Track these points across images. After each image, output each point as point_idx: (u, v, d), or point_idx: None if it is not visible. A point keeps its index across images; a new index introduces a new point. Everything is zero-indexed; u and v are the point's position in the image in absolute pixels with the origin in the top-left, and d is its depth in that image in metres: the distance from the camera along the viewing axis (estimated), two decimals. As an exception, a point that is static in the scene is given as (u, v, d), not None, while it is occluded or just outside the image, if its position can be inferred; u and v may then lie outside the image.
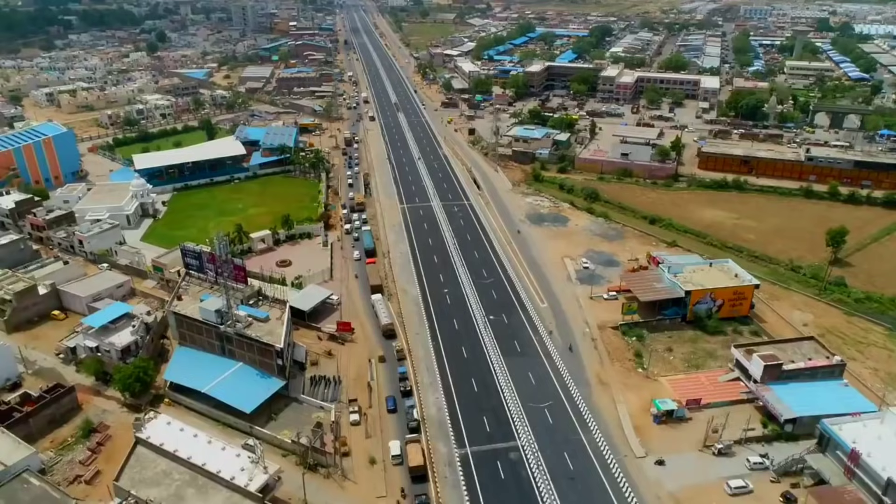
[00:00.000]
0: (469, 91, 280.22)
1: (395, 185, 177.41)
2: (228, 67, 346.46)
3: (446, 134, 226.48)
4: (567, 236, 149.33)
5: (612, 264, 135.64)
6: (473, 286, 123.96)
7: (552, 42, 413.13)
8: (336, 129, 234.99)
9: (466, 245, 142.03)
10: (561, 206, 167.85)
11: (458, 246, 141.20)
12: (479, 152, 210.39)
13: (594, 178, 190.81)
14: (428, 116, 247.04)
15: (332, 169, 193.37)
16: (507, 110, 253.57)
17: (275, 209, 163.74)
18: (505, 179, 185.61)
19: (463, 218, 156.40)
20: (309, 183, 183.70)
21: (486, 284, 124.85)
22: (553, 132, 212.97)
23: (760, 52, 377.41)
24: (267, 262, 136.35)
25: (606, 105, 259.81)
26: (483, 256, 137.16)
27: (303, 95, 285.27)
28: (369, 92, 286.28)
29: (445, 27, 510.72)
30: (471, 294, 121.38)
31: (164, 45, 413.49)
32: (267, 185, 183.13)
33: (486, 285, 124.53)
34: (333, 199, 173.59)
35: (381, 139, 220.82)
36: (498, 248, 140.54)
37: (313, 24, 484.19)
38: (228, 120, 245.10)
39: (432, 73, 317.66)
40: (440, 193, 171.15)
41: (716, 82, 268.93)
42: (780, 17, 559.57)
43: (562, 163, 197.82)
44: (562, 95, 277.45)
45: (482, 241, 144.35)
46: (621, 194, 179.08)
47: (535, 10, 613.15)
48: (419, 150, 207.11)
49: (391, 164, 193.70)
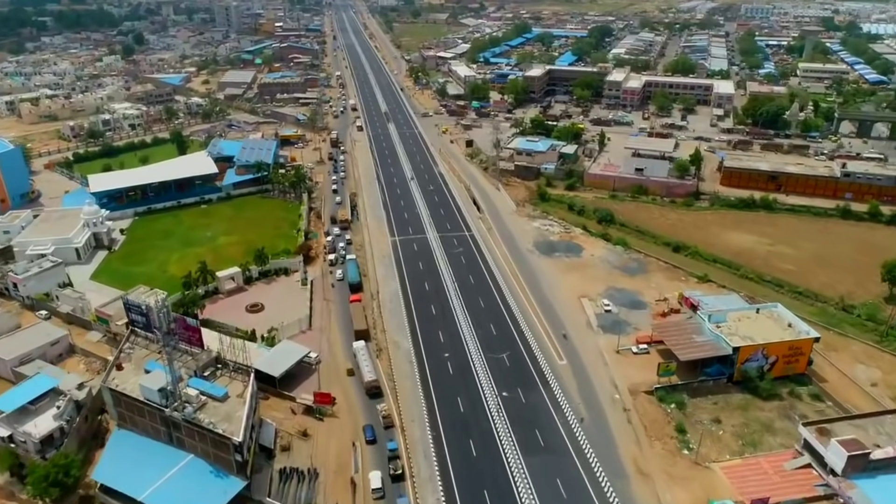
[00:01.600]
0: (465, 97, 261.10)
1: (384, 211, 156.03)
2: (208, 72, 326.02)
3: (441, 146, 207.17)
4: (582, 269, 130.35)
5: (637, 306, 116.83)
6: (479, 346, 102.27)
7: (550, 43, 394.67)
8: (321, 141, 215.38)
9: (469, 290, 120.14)
10: (573, 231, 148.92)
11: (460, 290, 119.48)
12: (477, 167, 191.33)
13: (606, 196, 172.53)
14: (421, 126, 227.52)
15: (315, 188, 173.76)
16: (507, 119, 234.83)
17: (248, 237, 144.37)
18: (507, 199, 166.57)
19: (464, 254, 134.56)
20: (289, 205, 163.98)
21: (494, 342, 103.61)
22: (558, 144, 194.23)
23: (768, 53, 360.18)
24: (236, 307, 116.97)
25: (613, 112, 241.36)
26: (489, 304, 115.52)
27: (286, 102, 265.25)
28: (357, 99, 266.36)
29: (438, 28, 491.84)
30: (477, 359, 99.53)
31: (141, 48, 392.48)
32: (241, 208, 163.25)
33: (495, 343, 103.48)
34: (315, 223, 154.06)
35: (369, 153, 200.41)
36: (505, 287, 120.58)
37: (299, 25, 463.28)
38: (203, 131, 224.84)
39: (425, 78, 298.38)
40: (436, 222, 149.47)
41: (730, 87, 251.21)
42: (782, 16, 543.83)
43: (569, 179, 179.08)
44: (564, 102, 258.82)
45: (487, 284, 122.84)
46: (638, 215, 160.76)
47: (529, 9, 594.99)
48: (412, 166, 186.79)
49: (380, 185, 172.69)
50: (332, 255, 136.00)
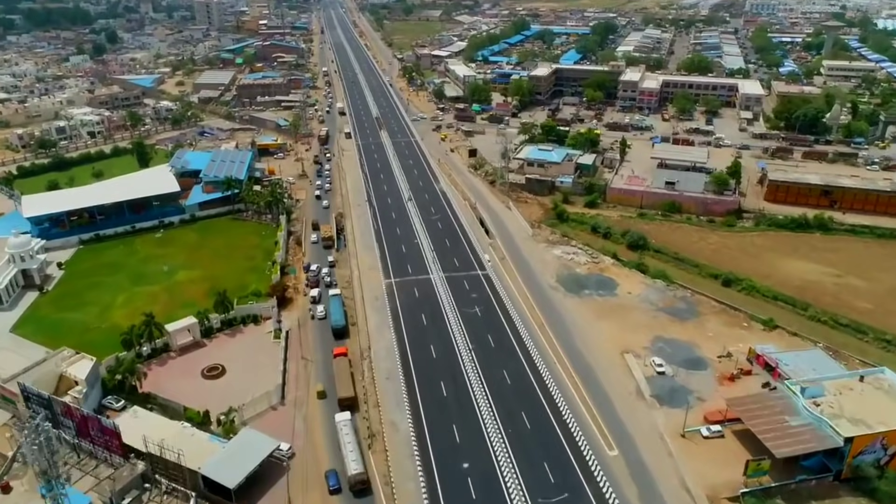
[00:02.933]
0: (464, 99, 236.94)
1: (377, 243, 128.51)
2: (184, 72, 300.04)
3: (441, 155, 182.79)
4: (620, 313, 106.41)
5: (696, 364, 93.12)
6: (508, 447, 75.14)
7: (551, 41, 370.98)
8: (304, 150, 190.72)
9: (488, 355, 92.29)
10: (601, 260, 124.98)
11: (477, 358, 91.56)
12: (483, 180, 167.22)
13: (633, 215, 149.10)
14: (417, 133, 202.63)
15: (295, 207, 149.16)
16: (512, 124, 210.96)
17: (213, 271, 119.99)
18: (520, 219, 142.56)
19: (479, 302, 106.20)
20: (264, 228, 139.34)
21: (527, 438, 77.13)
22: (574, 153, 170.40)
23: (784, 50, 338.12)
24: (189, 371, 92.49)
25: (629, 115, 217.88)
26: (516, 376, 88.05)
27: (266, 106, 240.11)
28: (345, 101, 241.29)
29: (431, 25, 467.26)
30: (506, 465, 72.62)
31: (113, 47, 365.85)
32: (208, 233, 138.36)
33: (528, 440, 76.90)
34: (295, 251, 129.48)
35: (358, 167, 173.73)
36: (531, 343, 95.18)
37: (283, 23, 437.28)
38: (171, 139, 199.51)
39: (420, 78, 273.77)
40: (441, 258, 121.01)
41: (757, 87, 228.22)
42: (789, 12, 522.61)
43: (590, 195, 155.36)
44: (574, 104, 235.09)
45: (509, 343, 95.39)
46: (673, 238, 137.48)
47: (525, 6, 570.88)
48: (408, 183, 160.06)
49: (372, 207, 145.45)
50: (314, 291, 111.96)
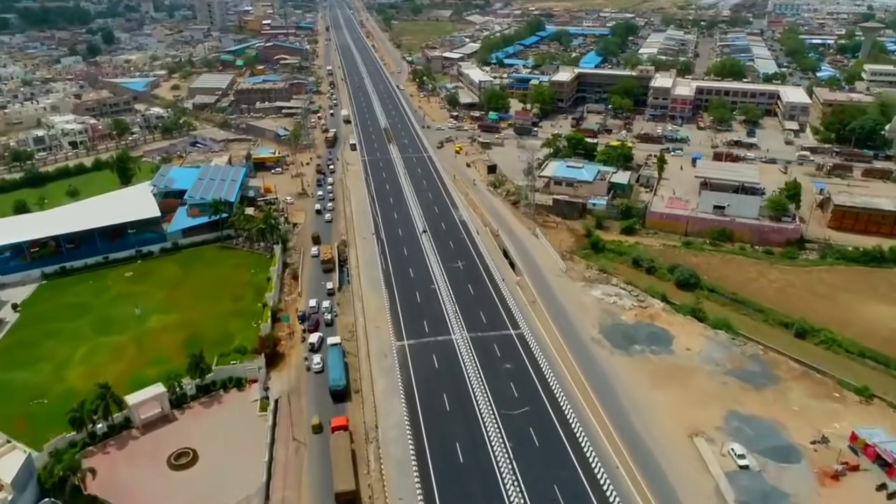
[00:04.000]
0: (480, 106, 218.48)
1: (386, 290, 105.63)
2: (181, 75, 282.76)
3: (456, 171, 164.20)
4: (681, 377, 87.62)
5: (787, 454, 74.24)
6: None
7: (569, 42, 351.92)
8: (304, 164, 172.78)
9: (529, 450, 71.86)
10: (649, 304, 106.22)
11: (514, 453, 70.98)
12: (504, 200, 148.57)
13: (677, 244, 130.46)
14: (429, 145, 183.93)
15: (292, 233, 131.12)
16: (534, 133, 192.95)
17: (193, 316, 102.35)
18: (550, 250, 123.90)
19: (514, 374, 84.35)
20: (256, 259, 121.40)
21: None
22: (606, 170, 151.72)
23: (819, 53, 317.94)
24: (153, 457, 74.48)
25: (661, 125, 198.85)
26: (568, 479, 68.15)
27: (266, 112, 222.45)
28: (350, 108, 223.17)
29: (441, 25, 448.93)
30: None
31: (109, 48, 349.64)
32: (191, 265, 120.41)
33: None
34: (291, 287, 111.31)
35: (364, 187, 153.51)
36: (577, 427, 76.09)
37: (286, 23, 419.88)
38: (160, 151, 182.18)
39: (431, 83, 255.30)
40: (465, 309, 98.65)
41: (802, 94, 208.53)
42: (814, 13, 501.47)
43: (627, 219, 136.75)
44: (599, 112, 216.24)
45: (556, 435, 74.32)
46: (727, 273, 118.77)
47: (538, 6, 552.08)
48: (422, 209, 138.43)
49: (380, 242, 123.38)
50: (312, 336, 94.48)
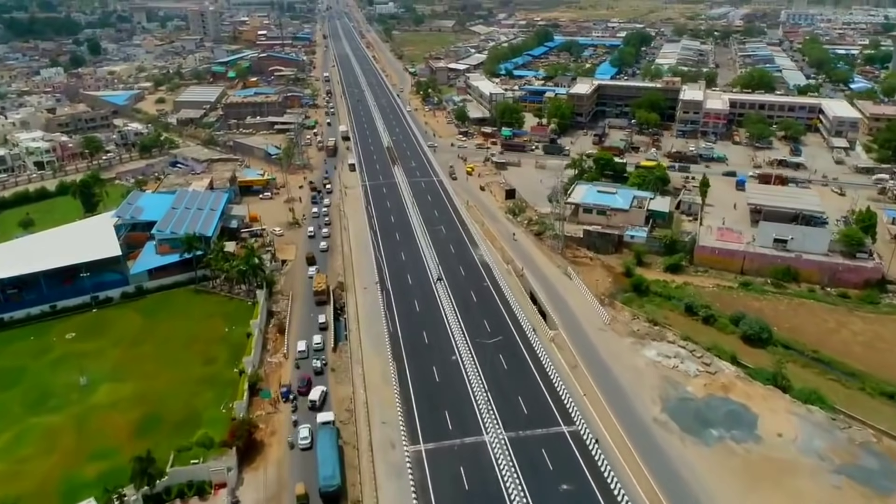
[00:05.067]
0: (491, 121, 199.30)
1: (393, 362, 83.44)
2: (168, 88, 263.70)
3: (470, 195, 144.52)
4: (777, 477, 67.19)
5: None
6: None
7: (579, 53, 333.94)
8: (298, 186, 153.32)
9: None
10: (718, 368, 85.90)
11: None
12: (526, 230, 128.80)
13: (733, 285, 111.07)
14: (437, 164, 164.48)
15: (279, 273, 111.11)
16: (565, 152, 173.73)
17: (153, 386, 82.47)
18: (587, 294, 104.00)
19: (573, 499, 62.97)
20: (236, 307, 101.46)
21: None
22: (642, 196, 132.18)
23: (849, 63, 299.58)
24: None
25: (693, 142, 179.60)
26: None
27: (257, 128, 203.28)
28: (349, 124, 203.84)
29: (443, 36, 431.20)
30: None
31: (94, 59, 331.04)
32: (157, 315, 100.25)
33: None
34: (275, 346, 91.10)
35: (364, 218, 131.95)
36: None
37: (282, 34, 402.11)
38: (135, 172, 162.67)
39: (436, 96, 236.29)
40: (500, 396, 75.81)
41: (847, 108, 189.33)
42: (828, 23, 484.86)
43: (671, 254, 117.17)
44: (622, 127, 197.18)
45: None
46: (799, 323, 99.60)
47: (543, 16, 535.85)
48: (434, 246, 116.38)
49: (385, 293, 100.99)
50: (316, 393, 76.05)
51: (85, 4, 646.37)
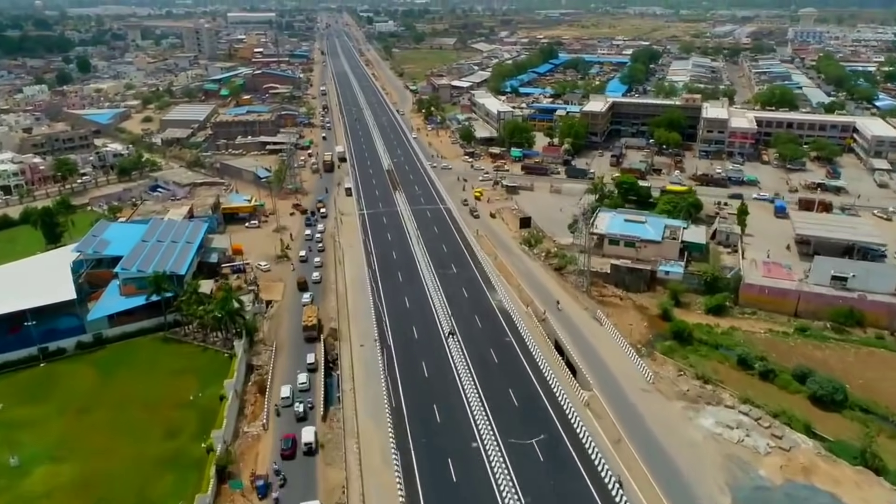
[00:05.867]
0: (499, 141, 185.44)
1: (399, 463, 64.14)
2: (156, 106, 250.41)
3: (480, 223, 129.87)
4: None
5: None
6: None
7: (587, 70, 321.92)
8: (289, 213, 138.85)
9: None
10: (792, 442, 70.46)
11: None
12: (544, 264, 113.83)
13: (788, 329, 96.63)
14: (442, 188, 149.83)
15: (264, 317, 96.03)
16: (590, 175, 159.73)
17: (100, 468, 67.21)
18: (620, 343, 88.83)
19: None
20: (210, 359, 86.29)
21: None
22: (674, 225, 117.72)
23: (872, 81, 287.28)
24: None
25: (719, 164, 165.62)
26: None
27: (248, 149, 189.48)
28: (346, 144, 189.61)
29: (444, 54, 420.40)
30: None
31: (84, 76, 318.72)
32: (115, 372, 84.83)
33: None
34: (253, 416, 75.66)
35: (361, 252, 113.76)
36: None
37: (278, 51, 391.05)
38: (110, 197, 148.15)
39: (439, 114, 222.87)
40: (534, 501, 59.05)
41: (886, 127, 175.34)
42: (836, 40, 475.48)
43: (711, 293, 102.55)
44: (640, 147, 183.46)
45: None
46: (872, 378, 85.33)
47: (546, 34, 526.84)
48: (444, 290, 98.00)
49: (386, 351, 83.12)
50: (309, 434, 63.30)
51: (81, 23, 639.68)
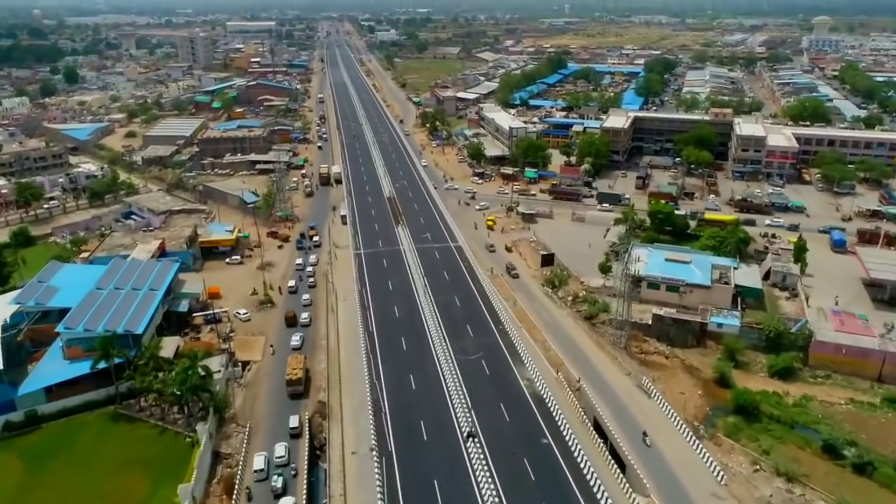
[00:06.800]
0: (513, 159, 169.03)
1: None
2: (143, 120, 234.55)
3: (494, 260, 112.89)
4: None
5: None
6: None
7: (599, 81, 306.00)
8: (277, 246, 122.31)
9: None
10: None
11: None
12: (571, 311, 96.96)
13: (873, 399, 79.94)
14: (448, 215, 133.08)
15: (239, 383, 79.17)
16: (624, 201, 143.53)
17: None
18: (676, 423, 71.91)
19: None
20: (169, 444, 69.34)
21: None
22: (722, 263, 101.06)
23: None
24: None
25: (757, 186, 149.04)
26: None
27: (237, 168, 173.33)
28: (343, 166, 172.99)
29: (449, 63, 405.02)
30: None
31: (70, 87, 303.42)
32: (47, 463, 67.76)
33: None
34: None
35: (357, 305, 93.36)
36: None
37: (274, 60, 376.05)
38: (75, 226, 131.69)
39: (445, 130, 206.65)
40: None
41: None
42: (852, 49, 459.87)
43: (776, 350, 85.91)
44: (666, 167, 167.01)
45: None
46: None
47: (552, 42, 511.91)
48: (460, 369, 77.01)
49: (385, 463, 61.82)
50: None
51: (78, 32, 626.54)
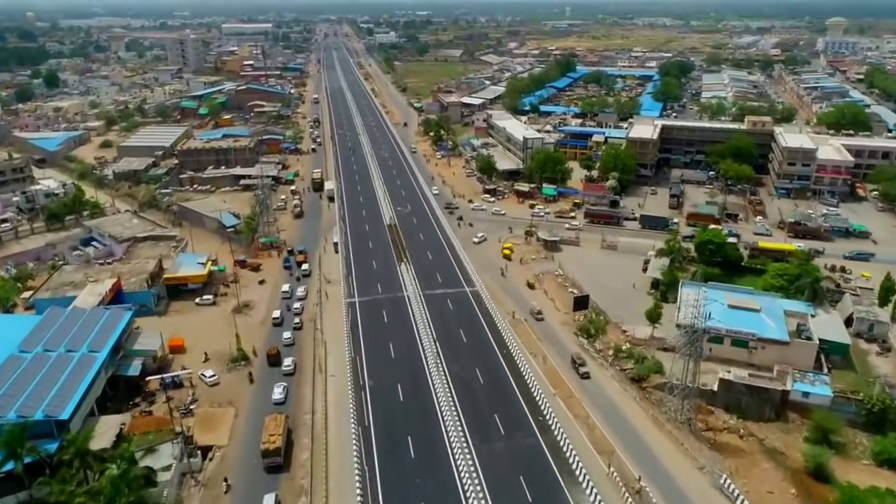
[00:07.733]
0: (528, 174, 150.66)
1: None
2: (122, 127, 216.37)
3: (514, 298, 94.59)
4: None
5: None
6: None
7: (612, 85, 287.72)
8: (258, 282, 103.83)
9: None
10: None
11: None
12: (617, 372, 78.57)
13: None
14: (460, 245, 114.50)
15: (195, 484, 60.58)
16: (672, 226, 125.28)
17: None
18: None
19: None
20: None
21: None
22: (797, 310, 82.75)
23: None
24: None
25: (806, 205, 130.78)
26: None
27: (218, 184, 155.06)
28: (336, 179, 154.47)
29: (451, 67, 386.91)
30: None
31: (49, 92, 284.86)
32: None
33: None
34: None
35: (348, 375, 73.32)
36: None
37: (266, 64, 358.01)
38: (27, 255, 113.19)
39: (450, 139, 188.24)
40: None
41: None
42: (869, 51, 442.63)
43: (881, 429, 67.62)
44: (700, 182, 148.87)
45: None
46: None
47: (557, 45, 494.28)
48: (483, 473, 57.74)
49: None
50: None
51: (70, 35, 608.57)
